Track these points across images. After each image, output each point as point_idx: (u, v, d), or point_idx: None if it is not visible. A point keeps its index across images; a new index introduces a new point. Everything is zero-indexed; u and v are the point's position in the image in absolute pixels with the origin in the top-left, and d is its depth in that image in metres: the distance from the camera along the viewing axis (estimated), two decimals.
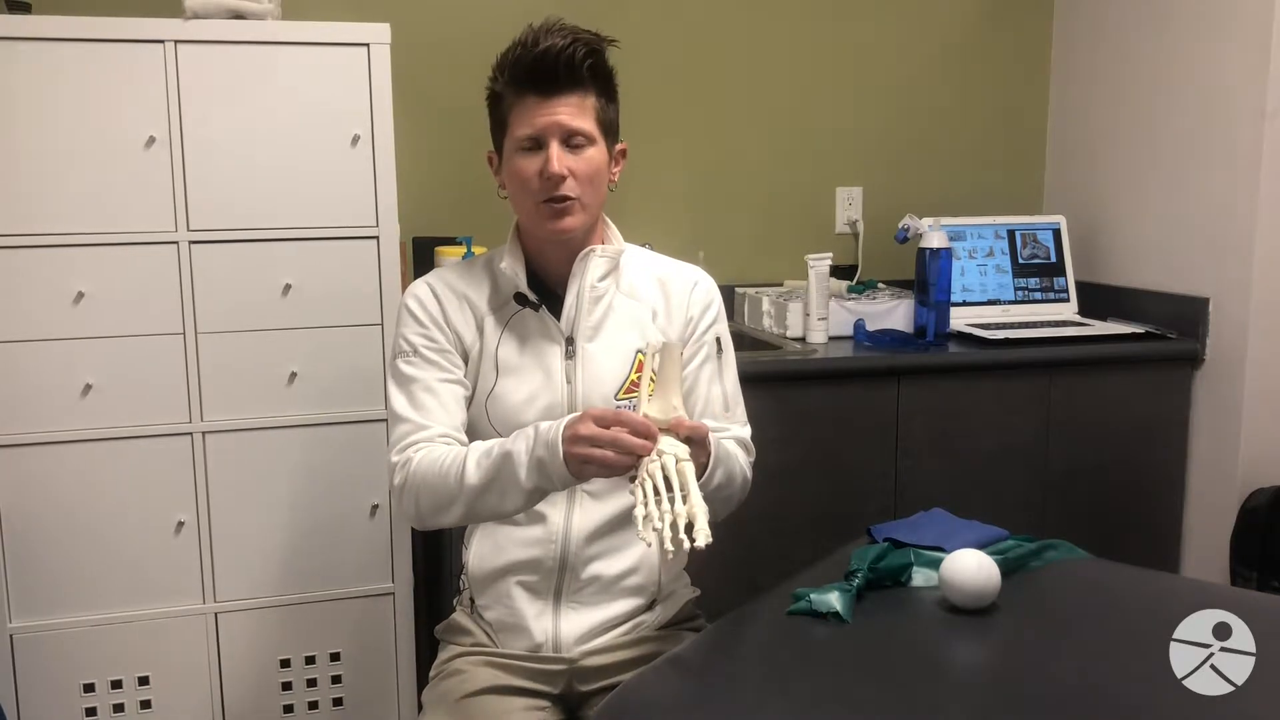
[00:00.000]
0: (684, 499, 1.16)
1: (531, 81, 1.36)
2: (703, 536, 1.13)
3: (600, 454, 1.21)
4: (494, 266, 1.48)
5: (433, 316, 1.45)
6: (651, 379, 1.28)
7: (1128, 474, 2.45)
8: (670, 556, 1.14)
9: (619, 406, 1.42)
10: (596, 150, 1.40)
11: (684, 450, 1.22)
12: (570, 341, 1.44)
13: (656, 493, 1.17)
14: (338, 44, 1.98)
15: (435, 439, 1.39)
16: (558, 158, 1.36)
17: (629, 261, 1.50)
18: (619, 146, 1.46)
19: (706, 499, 1.24)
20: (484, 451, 1.32)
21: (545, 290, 1.47)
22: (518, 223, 1.48)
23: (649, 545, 1.15)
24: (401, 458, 1.39)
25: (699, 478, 1.24)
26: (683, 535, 1.13)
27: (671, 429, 1.23)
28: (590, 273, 1.44)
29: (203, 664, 2.05)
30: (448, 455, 1.35)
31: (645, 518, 1.15)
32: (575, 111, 1.37)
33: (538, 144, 1.37)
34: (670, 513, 1.15)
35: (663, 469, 1.18)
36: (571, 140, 1.38)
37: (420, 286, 1.48)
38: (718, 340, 1.50)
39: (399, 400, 1.43)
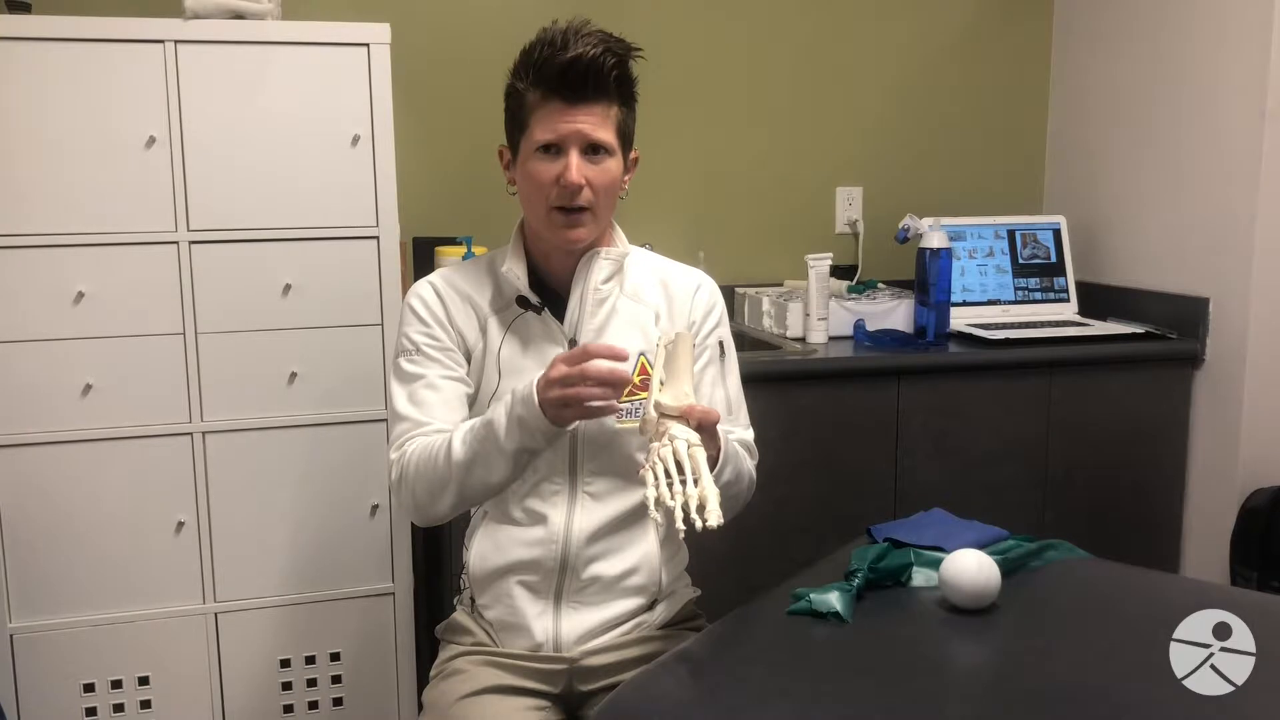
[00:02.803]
0: (695, 482, 1.17)
1: (557, 87, 1.34)
2: (714, 517, 1.14)
3: (574, 391, 1.23)
4: (496, 268, 1.48)
5: (435, 315, 1.45)
6: (661, 379, 1.29)
7: (1128, 474, 2.45)
8: (682, 535, 1.15)
9: (620, 410, 1.42)
10: (614, 161, 1.40)
11: (695, 436, 1.22)
12: (573, 343, 1.44)
13: (668, 475, 1.18)
14: (338, 44, 1.98)
15: (432, 434, 1.40)
16: (576, 167, 1.36)
17: (633, 264, 1.50)
18: (633, 155, 1.46)
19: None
20: (468, 428, 1.35)
21: (548, 291, 1.47)
22: (522, 223, 1.48)
23: (660, 524, 1.16)
24: (399, 453, 1.41)
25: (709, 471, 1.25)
26: (694, 515, 1.14)
27: (683, 416, 1.23)
28: (594, 275, 1.44)
29: (203, 664, 2.05)
30: (435, 443, 1.37)
31: (656, 499, 1.16)
32: (598, 122, 1.36)
33: (557, 150, 1.36)
34: (682, 494, 1.16)
35: (674, 453, 1.19)
36: (591, 150, 1.37)
37: (424, 286, 1.48)
38: (720, 344, 1.51)
39: (400, 398, 1.43)
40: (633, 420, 1.41)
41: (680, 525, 1.14)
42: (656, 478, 1.17)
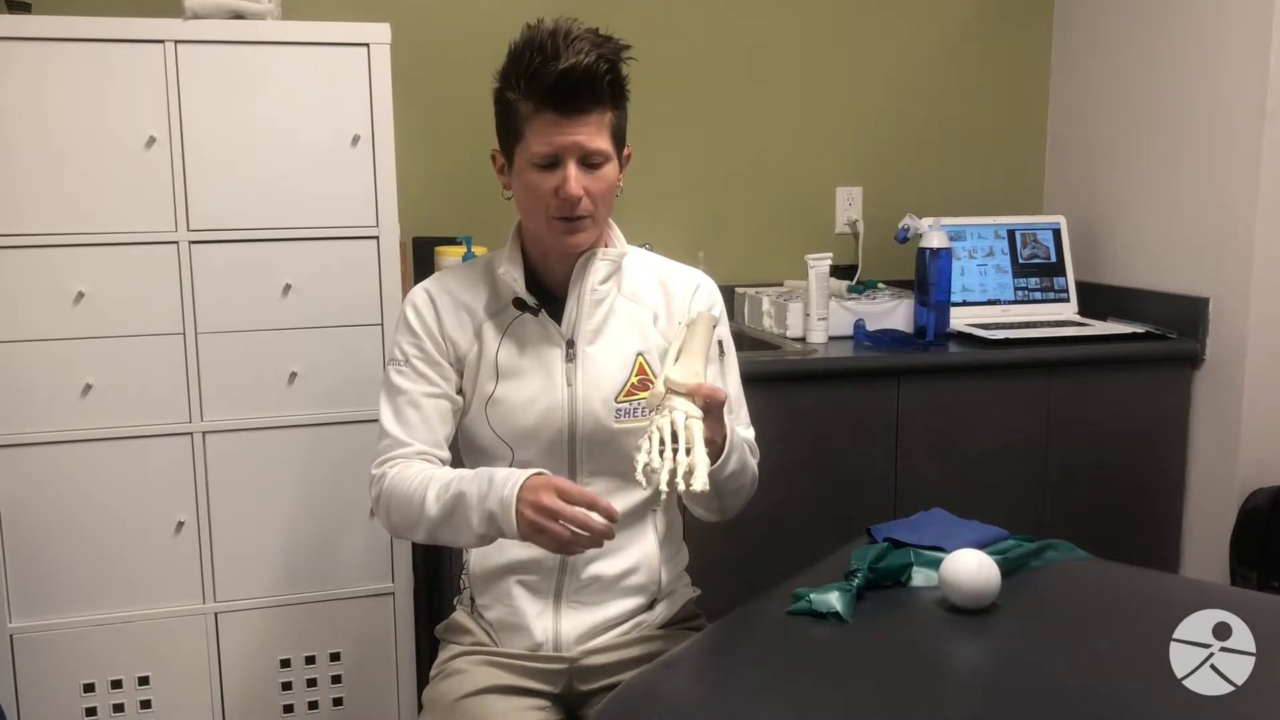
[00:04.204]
0: (688, 452, 1.18)
1: (551, 99, 1.32)
2: (700, 482, 1.15)
3: (557, 530, 1.23)
4: (493, 270, 1.47)
5: (427, 327, 1.45)
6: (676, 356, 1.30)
7: (1128, 474, 2.45)
8: (664, 496, 1.16)
9: (619, 410, 1.42)
10: (611, 167, 1.39)
11: (696, 411, 1.23)
12: (571, 344, 1.44)
13: (662, 444, 1.19)
14: (338, 44, 1.98)
15: (413, 456, 1.41)
16: (575, 179, 1.34)
17: (631, 264, 1.49)
18: (626, 152, 1.44)
19: (721, 487, 1.28)
20: (443, 485, 1.34)
21: (545, 292, 1.46)
22: (519, 224, 1.48)
23: (644, 486, 1.17)
24: (379, 472, 1.42)
25: (714, 460, 1.27)
26: (680, 479, 1.16)
27: (691, 394, 1.24)
28: (591, 276, 1.44)
29: (203, 664, 2.05)
30: (414, 479, 1.37)
31: (646, 464, 1.17)
32: (594, 131, 1.35)
33: (554, 161, 1.35)
34: (672, 460, 1.17)
35: (672, 424, 1.20)
36: (589, 160, 1.36)
37: (419, 293, 1.48)
38: (720, 343, 1.50)
39: (385, 412, 1.44)
40: (632, 420, 1.41)
41: (664, 487, 1.15)
42: (651, 445, 1.19)
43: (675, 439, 1.19)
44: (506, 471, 1.30)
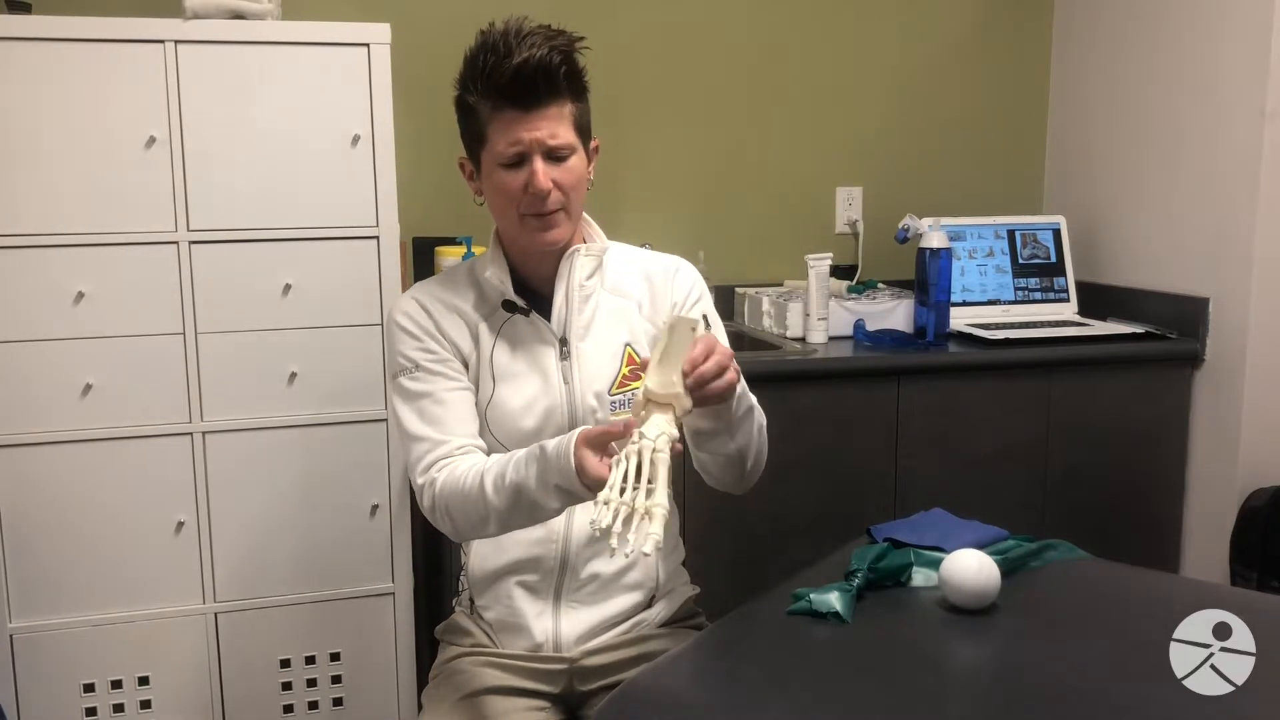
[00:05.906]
0: (649, 494, 1.12)
1: (509, 95, 1.32)
2: (651, 543, 1.08)
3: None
4: (478, 275, 1.46)
5: (425, 329, 1.43)
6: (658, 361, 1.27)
7: (1128, 474, 2.45)
8: (611, 554, 1.11)
9: (612, 402, 1.42)
10: (577, 158, 1.38)
11: (668, 437, 1.17)
12: (564, 342, 1.44)
13: (627, 479, 1.13)
14: (338, 44, 1.98)
15: (454, 453, 1.37)
16: (542, 173, 1.34)
17: (611, 259, 1.49)
18: (593, 144, 1.44)
19: (740, 423, 1.27)
20: (497, 474, 1.30)
21: (530, 292, 1.46)
22: (498, 229, 1.47)
23: (596, 533, 1.11)
24: (425, 479, 1.36)
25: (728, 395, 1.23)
26: (630, 536, 1.09)
27: (674, 399, 1.20)
28: (577, 272, 1.43)
29: (203, 664, 2.05)
30: (467, 475, 1.32)
31: (606, 502, 1.12)
32: (556, 124, 1.34)
33: (520, 159, 1.35)
34: (630, 505, 1.11)
35: (639, 454, 1.15)
36: (554, 154, 1.35)
37: (407, 302, 1.46)
38: (704, 317, 1.49)
39: (409, 418, 1.40)
40: (627, 413, 1.41)
41: (612, 544, 1.10)
42: (614, 481, 1.13)
43: (639, 473, 1.13)
44: (554, 443, 1.25)
